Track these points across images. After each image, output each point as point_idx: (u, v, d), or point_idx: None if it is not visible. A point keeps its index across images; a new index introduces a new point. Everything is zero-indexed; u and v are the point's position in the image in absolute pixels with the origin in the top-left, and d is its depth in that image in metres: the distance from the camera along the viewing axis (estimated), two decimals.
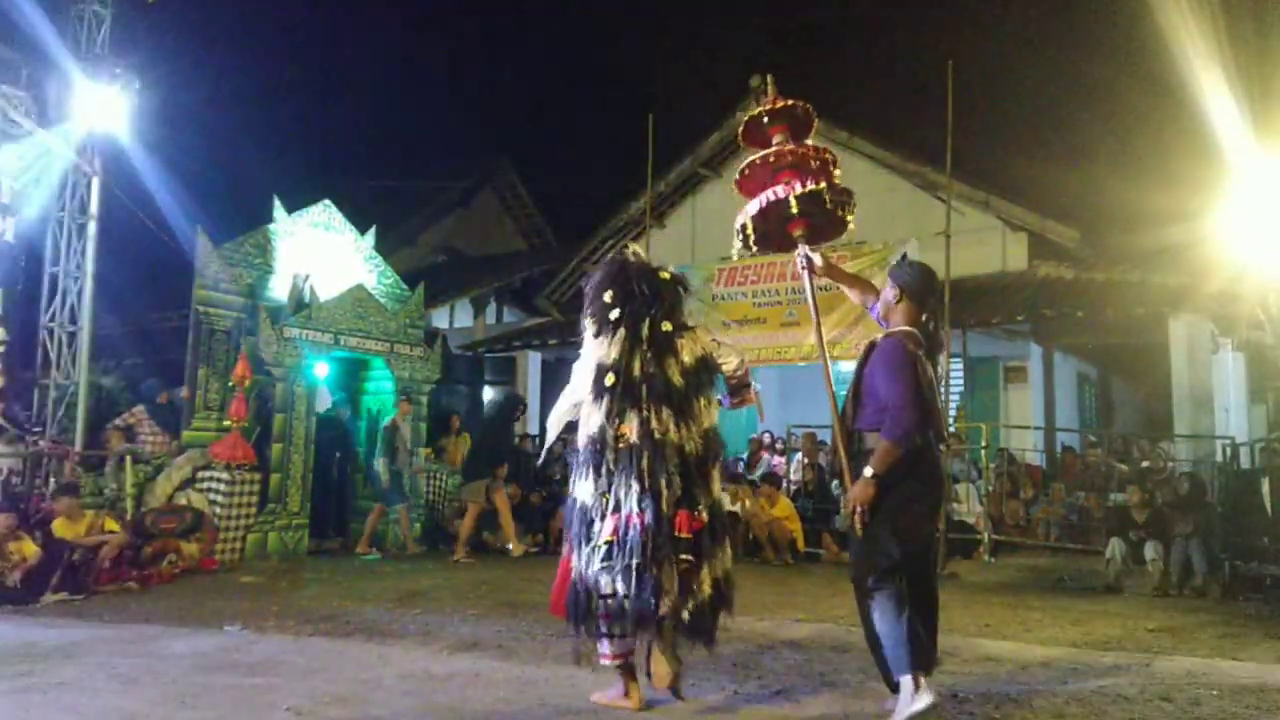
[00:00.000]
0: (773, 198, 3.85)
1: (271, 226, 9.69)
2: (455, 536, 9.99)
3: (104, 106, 10.36)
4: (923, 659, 3.45)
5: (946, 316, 10.32)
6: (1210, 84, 9.90)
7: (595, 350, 3.74)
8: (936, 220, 11.27)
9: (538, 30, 40.24)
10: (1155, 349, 10.84)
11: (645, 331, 3.68)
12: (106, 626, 5.50)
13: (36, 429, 9.48)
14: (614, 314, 3.70)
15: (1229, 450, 8.61)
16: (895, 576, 3.47)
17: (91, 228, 10.29)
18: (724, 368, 3.90)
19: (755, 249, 4.10)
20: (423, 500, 10.42)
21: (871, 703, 3.81)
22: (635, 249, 3.92)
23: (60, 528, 6.89)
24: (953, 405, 11.84)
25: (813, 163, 3.90)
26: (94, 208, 10.31)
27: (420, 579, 7.60)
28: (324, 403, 10.23)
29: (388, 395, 10.31)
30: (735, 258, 11.41)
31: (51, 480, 8.46)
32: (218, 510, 8.44)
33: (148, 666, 4.37)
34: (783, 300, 11.61)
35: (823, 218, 3.92)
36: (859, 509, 3.50)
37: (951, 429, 11.10)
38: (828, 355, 4.46)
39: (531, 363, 15.39)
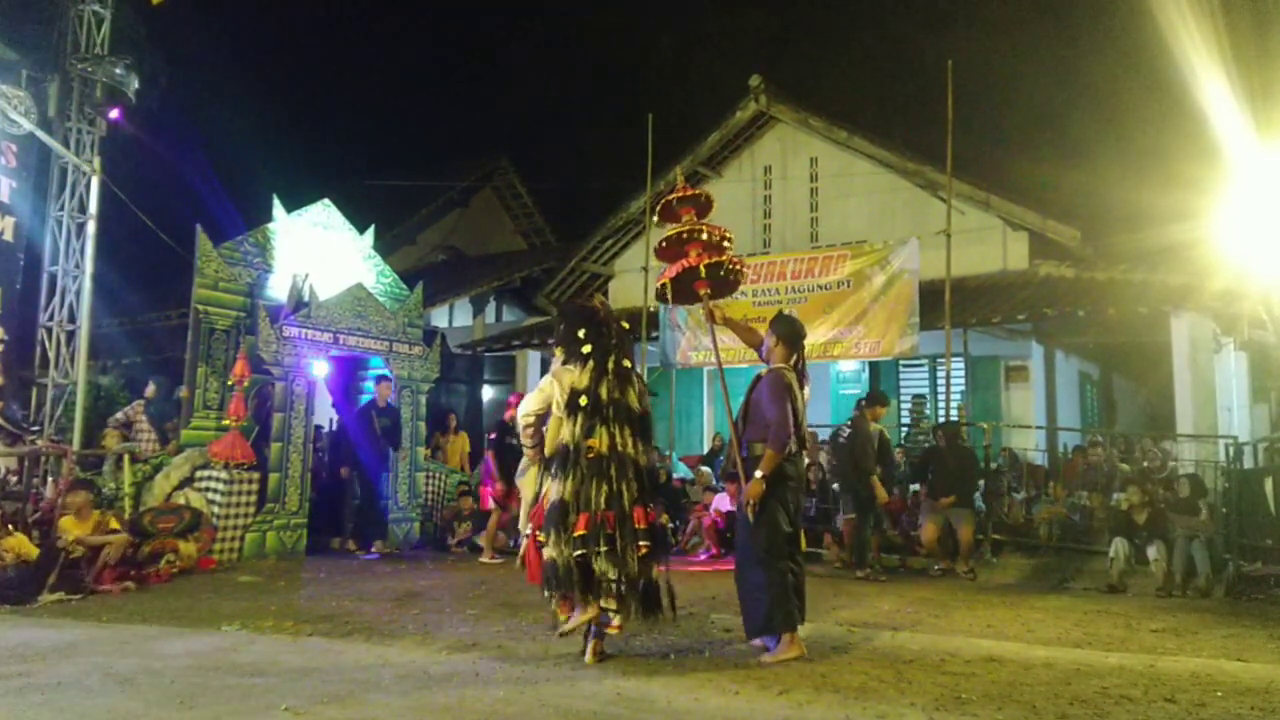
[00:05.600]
0: (686, 265, 5.12)
1: (271, 226, 9.68)
2: (454, 537, 10.00)
3: (103, 106, 10.35)
4: (793, 621, 4.62)
5: (948, 316, 10.35)
6: (1210, 83, 9.89)
7: (564, 375, 4.60)
8: (937, 219, 11.27)
9: (538, 30, 40.22)
10: (1157, 348, 10.81)
11: (611, 365, 4.57)
12: (104, 626, 5.47)
13: (34, 428, 9.46)
14: (585, 348, 4.57)
15: (1232, 450, 8.57)
16: (783, 551, 4.67)
17: (91, 227, 10.27)
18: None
19: (671, 303, 5.48)
20: (422, 500, 10.39)
21: (874, 704, 3.79)
22: (601, 298, 4.98)
23: (68, 524, 6.87)
24: (954, 404, 11.80)
25: (715, 238, 5.17)
26: (93, 207, 10.29)
27: (418, 579, 7.57)
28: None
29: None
30: (662, 309, 12.31)
31: (49, 480, 8.43)
32: (216, 509, 8.42)
33: (145, 666, 4.34)
34: (782, 300, 11.58)
35: (720, 281, 5.22)
36: (752, 502, 4.64)
37: None
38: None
39: (531, 362, 15.38)
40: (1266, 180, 9.52)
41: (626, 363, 4.66)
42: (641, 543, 4.43)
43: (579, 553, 4.32)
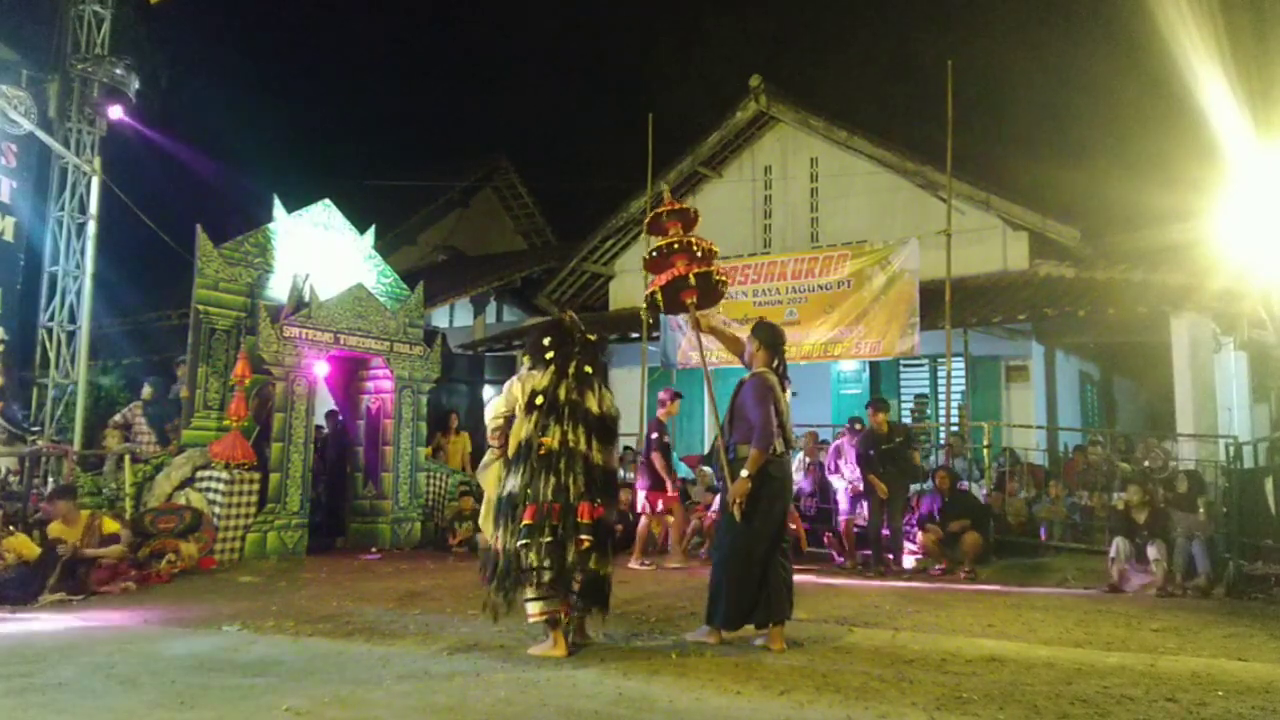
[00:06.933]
0: (676, 274, 5.34)
1: (271, 226, 9.67)
2: (455, 537, 9.99)
3: (103, 106, 10.36)
4: (730, 621, 4.85)
5: (948, 316, 10.35)
6: (1210, 83, 9.89)
7: (528, 379, 4.85)
8: (937, 219, 11.28)
9: (538, 29, 40.23)
10: (1157, 348, 10.82)
11: (571, 369, 4.81)
12: (105, 626, 5.47)
13: (35, 428, 9.46)
14: (549, 354, 4.84)
15: (1232, 449, 8.58)
16: (756, 548, 4.83)
17: (91, 227, 10.28)
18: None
19: (663, 311, 5.62)
20: (423, 500, 10.38)
21: (875, 704, 3.79)
22: (571, 314, 5.13)
23: (57, 530, 6.85)
24: (955, 405, 11.81)
25: (698, 251, 5.38)
26: (94, 207, 10.30)
27: (420, 579, 7.57)
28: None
29: (386, 395, 10.28)
30: (648, 318, 12.09)
31: (50, 480, 8.44)
32: (217, 510, 8.42)
33: (146, 667, 4.34)
34: (783, 299, 11.60)
35: (707, 290, 5.45)
36: (739, 500, 4.80)
37: (954, 429, 11.10)
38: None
39: None
40: (1266, 180, 9.52)
41: (588, 369, 4.89)
42: (583, 536, 4.57)
43: (522, 542, 4.54)
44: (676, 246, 5.39)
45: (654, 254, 5.53)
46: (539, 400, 4.73)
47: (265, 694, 3.86)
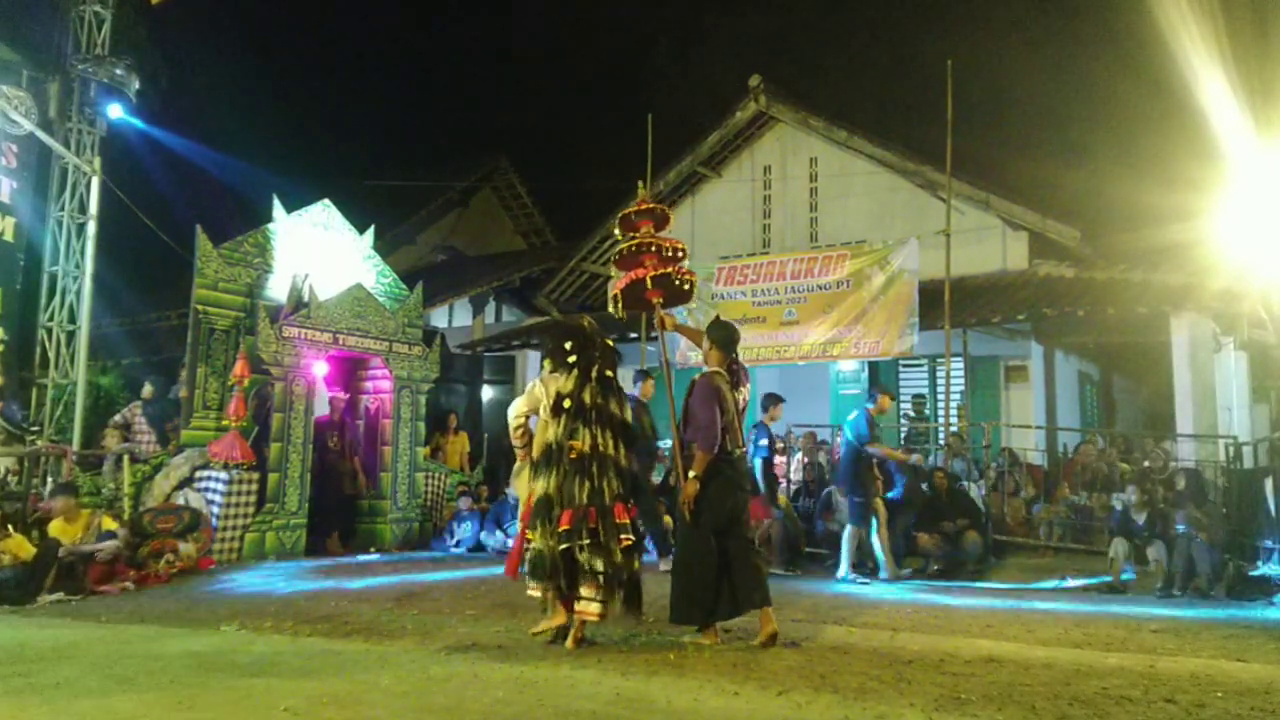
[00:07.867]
0: (634, 277, 5.46)
1: (271, 226, 9.67)
2: (454, 537, 9.98)
3: (103, 106, 10.36)
4: (694, 618, 4.93)
5: (948, 316, 10.34)
6: (1210, 83, 9.89)
7: (550, 381, 4.95)
8: (937, 219, 11.27)
9: (538, 29, 40.23)
10: (1157, 348, 10.81)
11: (594, 374, 4.91)
12: (103, 626, 5.47)
13: (34, 428, 9.46)
14: (571, 358, 4.93)
15: (1232, 450, 8.57)
16: (709, 545, 4.91)
17: (91, 227, 10.28)
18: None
19: (624, 309, 5.63)
20: (422, 500, 10.38)
21: (873, 704, 3.79)
22: (589, 318, 5.23)
23: (57, 528, 6.86)
24: (954, 405, 11.80)
25: (666, 251, 5.46)
26: (93, 207, 10.30)
27: (418, 579, 7.57)
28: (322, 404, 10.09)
29: (385, 395, 10.27)
30: (617, 315, 11.68)
31: (49, 480, 8.44)
32: (215, 510, 8.42)
33: (144, 667, 4.34)
34: (782, 299, 11.59)
35: (672, 291, 5.51)
36: (687, 502, 4.92)
37: (954, 429, 11.09)
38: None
39: (531, 361, 15.36)
40: (1266, 180, 9.52)
41: (609, 373, 5.00)
42: (624, 535, 4.75)
43: (563, 546, 4.68)
44: (639, 248, 5.46)
45: (619, 254, 5.64)
46: (566, 404, 4.83)
47: (263, 694, 3.86)
